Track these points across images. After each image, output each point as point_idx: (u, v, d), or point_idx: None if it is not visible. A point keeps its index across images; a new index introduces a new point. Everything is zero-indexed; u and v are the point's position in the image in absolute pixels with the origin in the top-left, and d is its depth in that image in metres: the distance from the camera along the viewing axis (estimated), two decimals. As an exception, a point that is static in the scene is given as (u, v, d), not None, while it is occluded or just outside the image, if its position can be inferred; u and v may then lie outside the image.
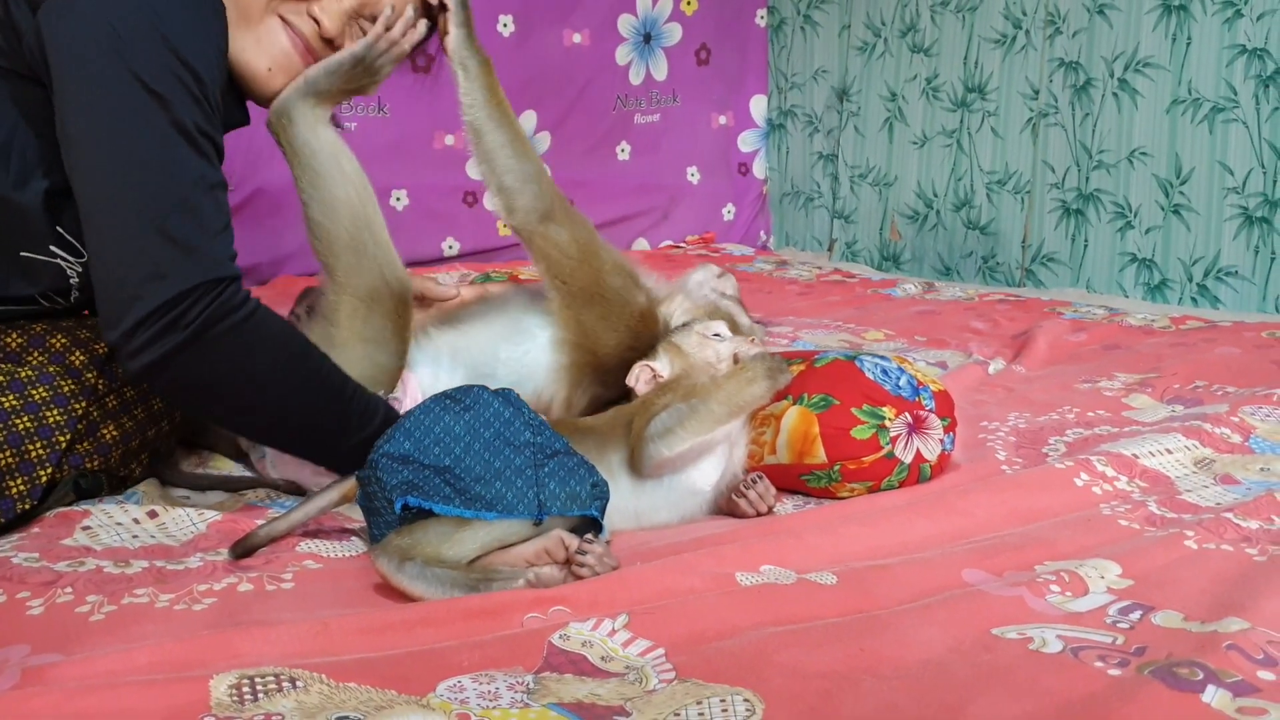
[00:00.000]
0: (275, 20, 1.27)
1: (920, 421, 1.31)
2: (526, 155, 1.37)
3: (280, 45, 1.27)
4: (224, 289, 1.11)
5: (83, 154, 1.10)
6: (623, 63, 3.45)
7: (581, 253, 1.37)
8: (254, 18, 1.26)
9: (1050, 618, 0.99)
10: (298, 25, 1.27)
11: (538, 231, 1.37)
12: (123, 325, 1.08)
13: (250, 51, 1.26)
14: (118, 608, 1.00)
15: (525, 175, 1.36)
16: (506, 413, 1.11)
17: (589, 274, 1.37)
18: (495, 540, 1.04)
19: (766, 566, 1.08)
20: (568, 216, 1.38)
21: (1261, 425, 1.56)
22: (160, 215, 1.09)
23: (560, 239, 1.37)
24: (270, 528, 1.13)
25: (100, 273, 1.10)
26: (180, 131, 1.11)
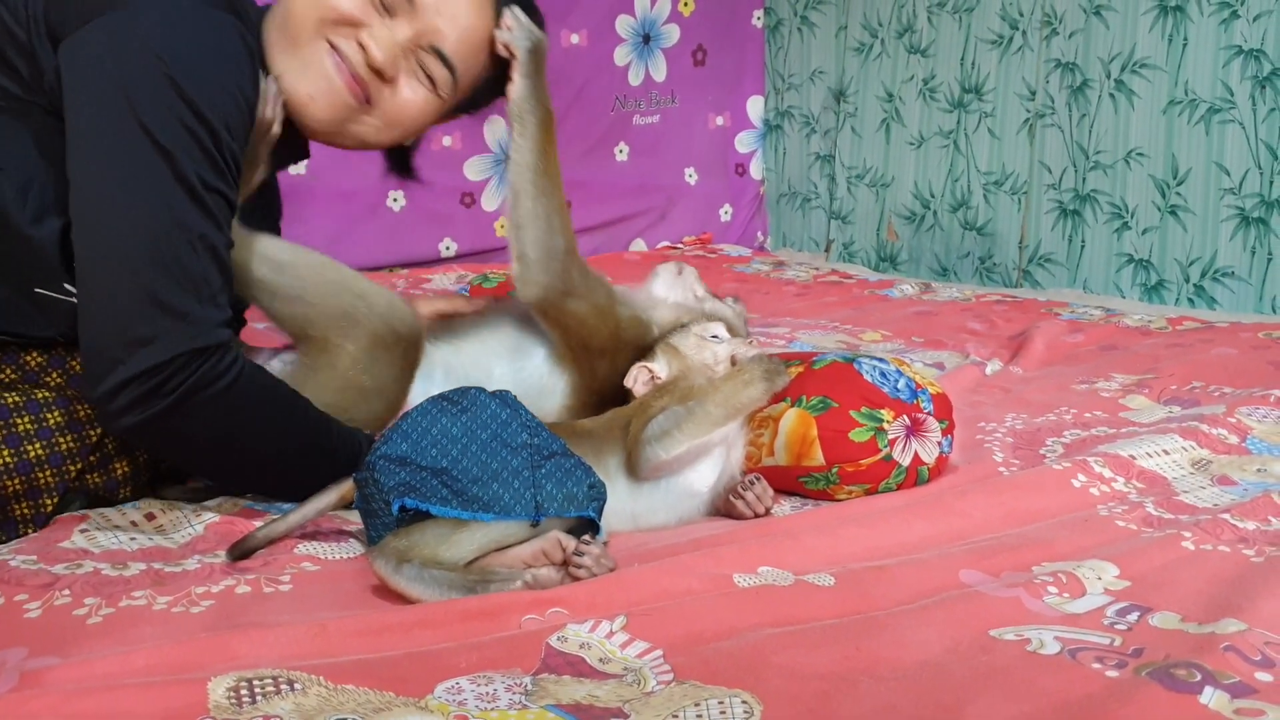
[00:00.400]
0: (322, 44, 1.22)
1: (918, 424, 1.32)
2: (559, 230, 1.31)
3: (324, 71, 1.22)
4: (210, 356, 1.09)
5: (81, 202, 1.09)
6: (621, 63, 3.45)
7: (599, 318, 1.33)
8: (301, 41, 1.22)
9: (1048, 619, 1.00)
10: (345, 51, 1.22)
11: (553, 307, 1.32)
12: (104, 386, 1.07)
13: (294, 76, 1.23)
14: (115, 610, 1.00)
15: (551, 252, 1.30)
16: (503, 414, 1.11)
17: (606, 335, 1.34)
18: (493, 542, 1.04)
19: (764, 568, 1.08)
20: (586, 288, 1.33)
21: (1258, 426, 1.57)
22: (152, 277, 1.06)
23: (578, 311, 1.32)
24: (268, 530, 1.13)
25: (86, 328, 1.08)
26: (185, 188, 1.08)
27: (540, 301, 1.32)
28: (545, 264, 1.30)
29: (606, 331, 1.34)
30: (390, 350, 1.28)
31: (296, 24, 1.22)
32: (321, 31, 1.22)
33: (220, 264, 1.12)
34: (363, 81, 1.23)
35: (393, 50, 1.23)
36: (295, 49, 1.22)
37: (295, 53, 1.22)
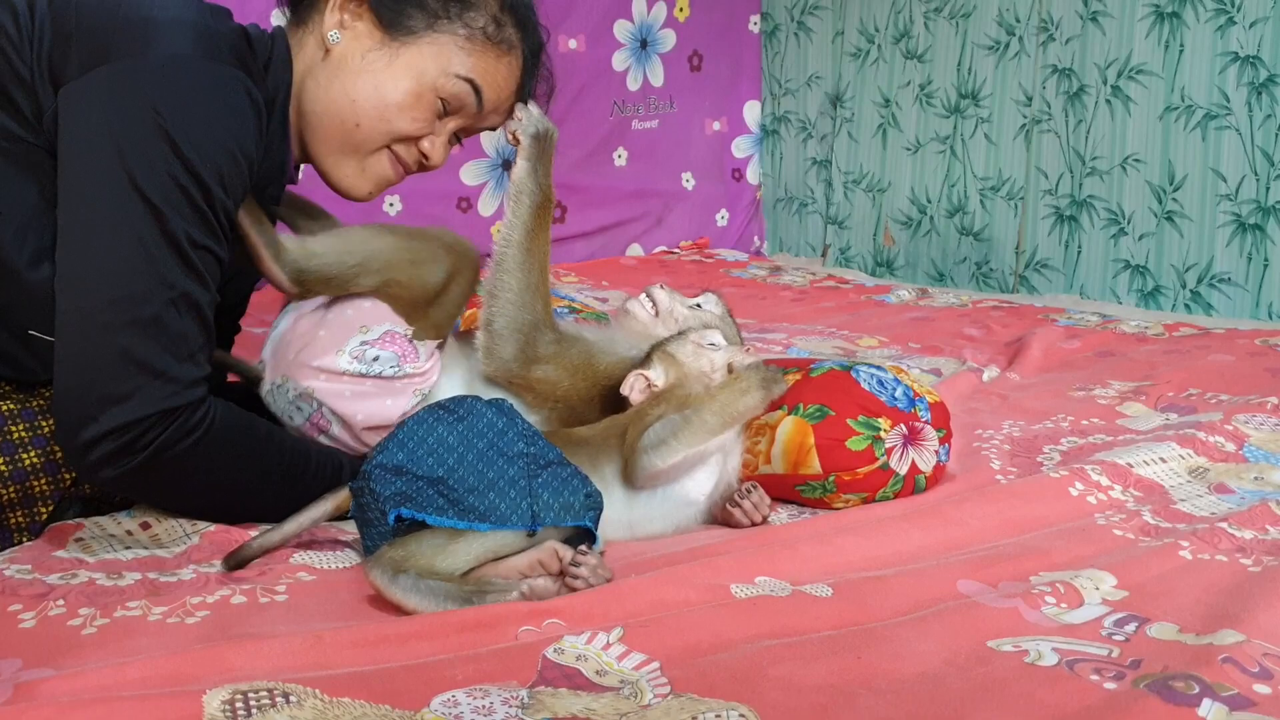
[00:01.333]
0: (384, 154, 1.31)
1: (916, 433, 1.31)
2: (529, 306, 1.32)
3: (384, 174, 1.33)
4: (183, 414, 1.09)
5: (65, 253, 1.09)
6: (620, 68, 3.45)
7: (574, 374, 1.33)
8: (363, 152, 1.30)
9: (1045, 630, 0.99)
10: (405, 158, 1.32)
11: (517, 375, 1.32)
12: (77, 439, 1.07)
13: (353, 178, 1.32)
14: (110, 621, 1.00)
15: (517, 324, 1.32)
16: (500, 423, 1.10)
17: (586, 386, 1.33)
18: (489, 551, 1.03)
19: (761, 578, 1.08)
20: (556, 351, 1.33)
21: (1255, 433, 1.57)
22: (130, 335, 1.06)
23: (546, 374, 1.32)
24: (263, 539, 1.13)
25: (61, 380, 1.08)
26: (172, 246, 1.08)
27: (503, 373, 1.33)
28: (510, 336, 1.32)
29: (585, 385, 1.33)
30: (462, 276, 1.33)
31: (361, 141, 1.29)
32: (385, 145, 1.31)
33: (202, 321, 1.12)
34: (412, 171, 1.35)
35: (448, 149, 1.35)
36: (356, 155, 1.30)
37: (355, 161, 1.31)
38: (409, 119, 1.29)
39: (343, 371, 1.27)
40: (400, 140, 1.31)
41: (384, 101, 1.27)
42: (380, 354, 1.28)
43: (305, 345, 1.29)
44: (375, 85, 1.27)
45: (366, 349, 1.28)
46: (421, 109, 1.29)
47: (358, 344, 1.28)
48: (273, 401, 1.31)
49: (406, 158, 1.33)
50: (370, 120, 1.28)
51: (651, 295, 1.47)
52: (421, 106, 1.29)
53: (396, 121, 1.28)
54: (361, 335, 1.28)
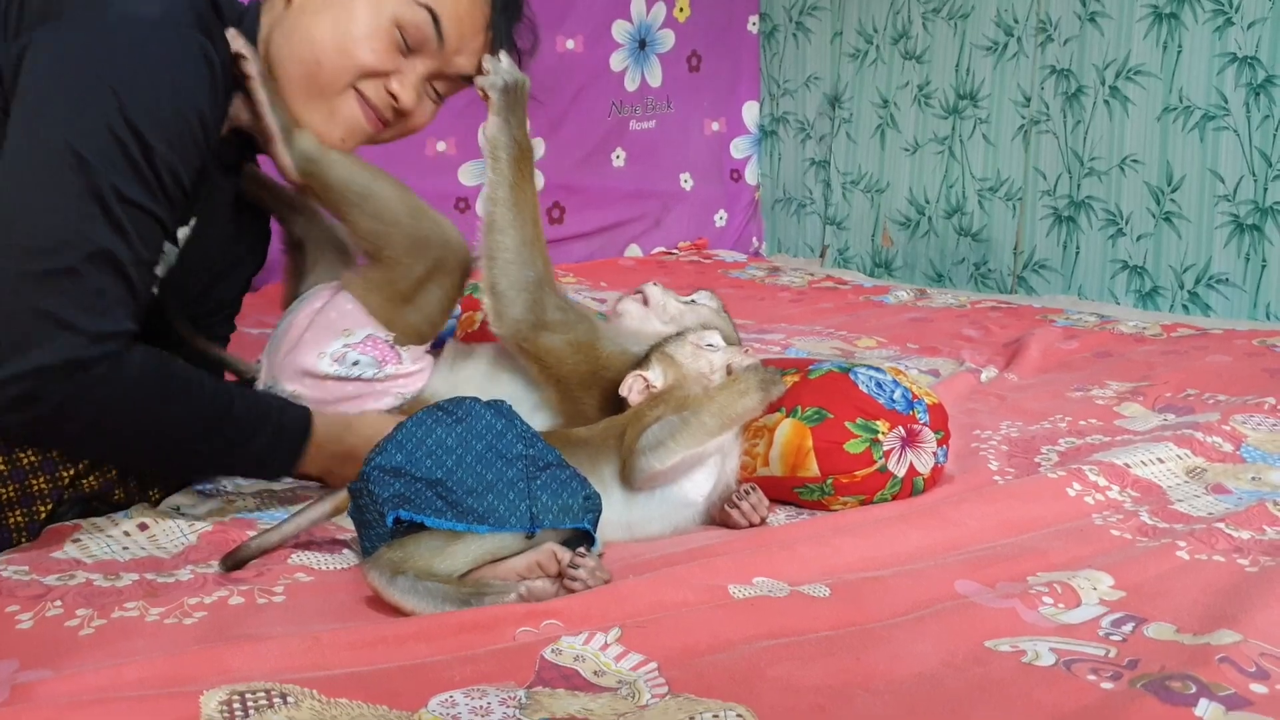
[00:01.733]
0: (351, 95, 1.29)
1: (914, 435, 1.31)
2: (529, 262, 1.31)
3: (353, 118, 1.30)
4: (93, 368, 1.06)
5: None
6: (618, 69, 3.45)
7: (578, 352, 1.32)
8: (330, 93, 1.28)
9: (1043, 630, 1.00)
10: (374, 99, 1.30)
11: (527, 340, 1.32)
12: None
13: (323, 124, 1.30)
14: (108, 621, 1.00)
15: (522, 283, 1.31)
16: (499, 424, 1.10)
17: (585, 371, 1.33)
18: (487, 553, 1.03)
19: (759, 578, 1.08)
20: (563, 319, 1.33)
21: (1253, 434, 1.57)
22: (39, 285, 1.04)
23: (552, 345, 1.31)
24: (261, 540, 1.13)
25: None
26: (95, 199, 1.06)
27: (513, 335, 1.32)
28: (517, 296, 1.31)
29: (586, 367, 1.32)
30: (449, 275, 1.34)
31: (326, 81, 1.28)
32: (350, 84, 1.28)
33: (124, 279, 1.09)
34: (388, 122, 1.32)
35: (418, 90, 1.31)
36: (323, 100, 1.29)
37: (323, 104, 1.29)
38: (367, 49, 1.27)
39: (324, 375, 1.28)
40: (365, 77, 1.28)
41: (341, 34, 1.26)
42: (360, 358, 1.29)
43: (293, 346, 1.30)
44: (333, 21, 1.26)
45: (348, 352, 1.29)
46: (380, 39, 1.27)
47: (339, 346, 1.29)
48: None
49: (376, 99, 1.30)
50: (330, 56, 1.27)
51: (643, 290, 1.47)
52: (379, 36, 1.27)
53: (355, 53, 1.26)
54: (344, 338, 1.29)
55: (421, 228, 1.33)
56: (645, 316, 1.44)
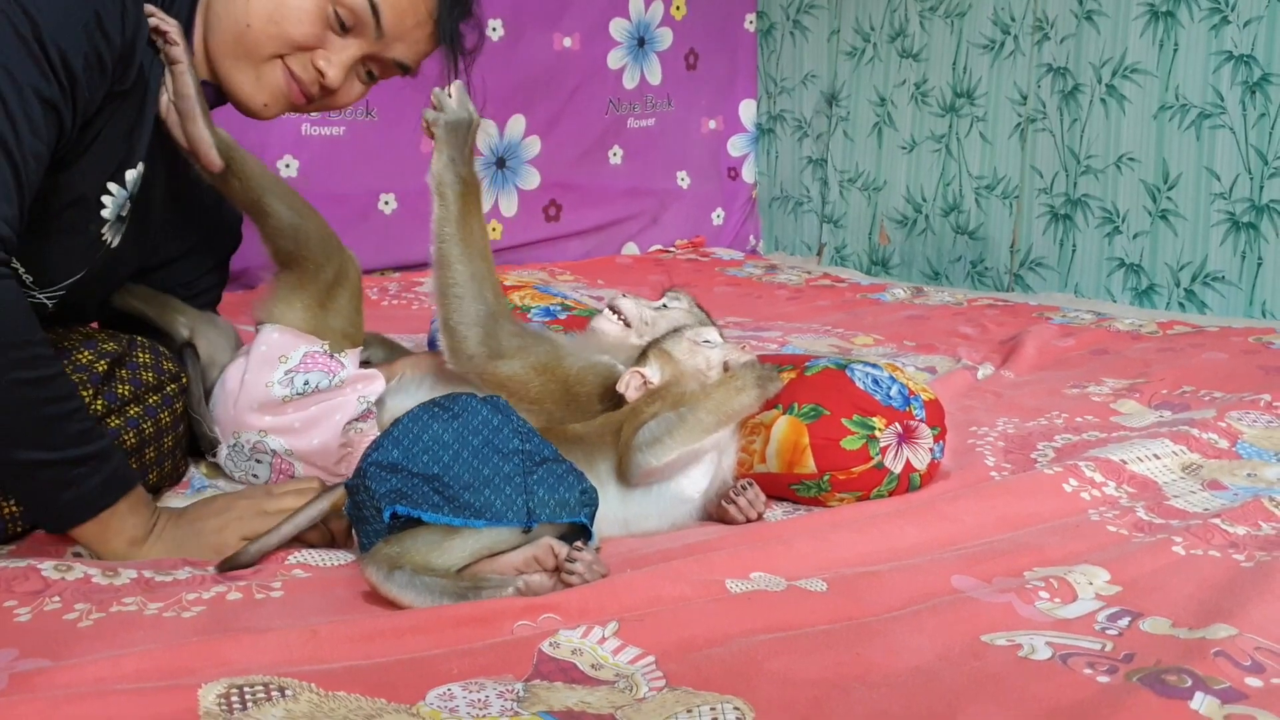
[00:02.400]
0: (278, 64, 1.29)
1: (910, 431, 1.32)
2: (479, 296, 1.30)
3: (278, 86, 1.30)
4: None
5: None
6: (615, 67, 3.45)
7: (542, 374, 1.31)
8: (257, 59, 1.28)
9: (1039, 624, 1.00)
10: (300, 74, 1.30)
11: (486, 371, 1.31)
12: None
13: (249, 86, 1.30)
14: (106, 615, 1.00)
15: (474, 317, 1.30)
16: (495, 420, 1.10)
17: (556, 389, 1.32)
18: (484, 548, 1.04)
19: (756, 573, 1.08)
20: (520, 345, 1.32)
21: (1248, 430, 1.57)
22: None
23: (513, 371, 1.30)
24: (261, 543, 1.13)
25: None
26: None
27: (471, 369, 1.32)
28: (469, 331, 1.30)
29: (555, 387, 1.32)
30: (351, 281, 1.37)
31: (252, 44, 1.27)
32: (278, 53, 1.28)
33: (10, 162, 1.03)
34: (312, 98, 1.32)
35: (346, 71, 1.31)
36: (250, 64, 1.29)
37: (250, 67, 1.29)
38: (296, 22, 1.26)
39: (281, 399, 1.29)
40: (294, 50, 1.28)
41: (275, 4, 1.26)
42: (308, 376, 1.30)
43: (238, 397, 1.31)
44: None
45: (293, 376, 1.29)
46: (313, 15, 1.27)
47: (282, 374, 1.30)
48: (234, 466, 1.34)
49: (302, 74, 1.29)
50: (260, 20, 1.26)
51: (616, 306, 1.46)
52: (313, 12, 1.27)
53: (285, 24, 1.26)
54: (283, 365, 1.31)
55: (326, 225, 1.37)
56: (626, 335, 1.44)
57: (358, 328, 1.38)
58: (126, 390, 1.28)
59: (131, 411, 1.28)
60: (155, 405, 1.31)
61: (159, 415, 1.31)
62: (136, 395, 1.29)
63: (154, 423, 1.30)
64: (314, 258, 1.34)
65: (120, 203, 1.22)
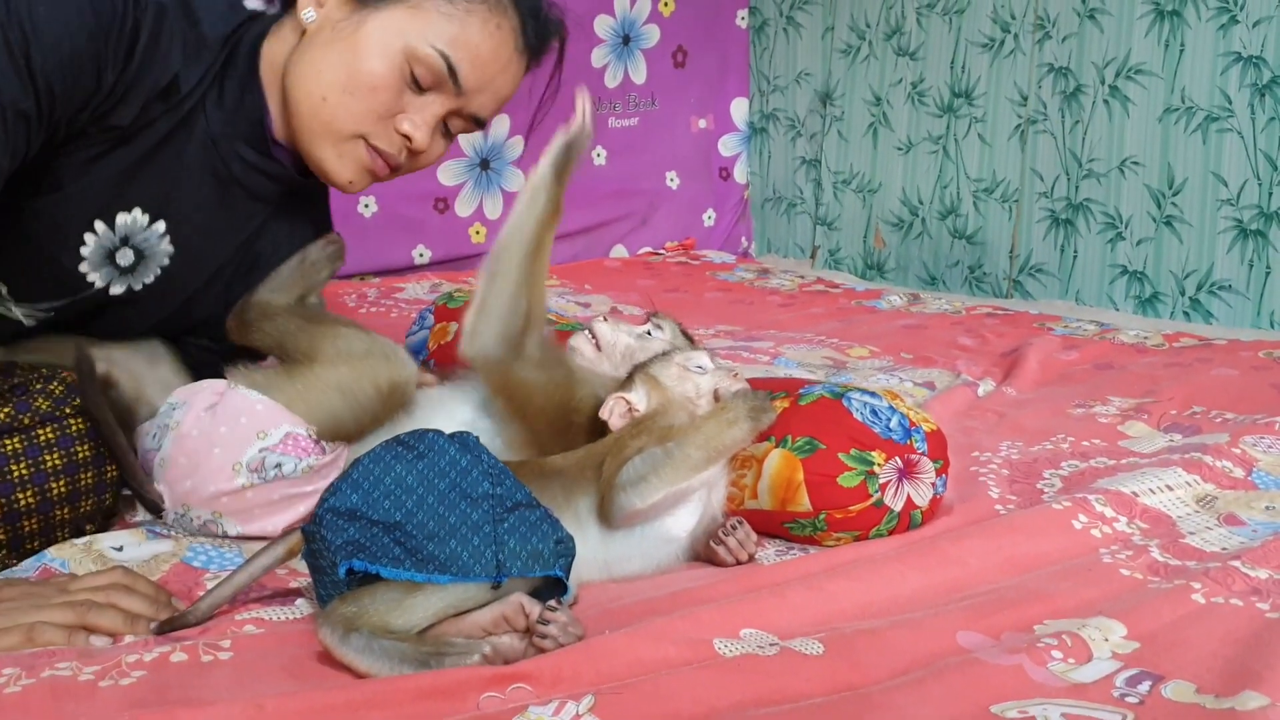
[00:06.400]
0: (360, 142, 1.26)
1: (912, 466, 1.23)
2: (526, 297, 1.24)
3: (362, 162, 1.27)
4: None
5: None
6: (598, 65, 3.36)
7: (549, 391, 1.24)
8: (337, 137, 1.25)
9: (1053, 691, 0.92)
10: (384, 147, 1.26)
11: (497, 366, 1.23)
12: None
13: (332, 163, 1.27)
14: (36, 681, 0.91)
15: (513, 310, 1.23)
16: (463, 460, 1.02)
17: (554, 410, 1.24)
18: (450, 606, 0.95)
19: (747, 630, 1.00)
20: (541, 357, 1.25)
21: (1264, 457, 1.50)
22: None
23: (526, 378, 1.24)
24: (212, 596, 1.04)
25: None
26: None
27: (480, 358, 1.24)
28: (498, 320, 1.23)
29: (555, 406, 1.24)
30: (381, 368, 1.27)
31: (329, 120, 1.24)
32: (359, 132, 1.25)
33: None
34: (399, 167, 1.29)
35: (432, 129, 1.27)
36: (330, 142, 1.25)
37: (330, 145, 1.26)
38: (371, 90, 1.22)
39: (241, 488, 1.19)
40: (374, 119, 1.24)
41: (349, 74, 1.21)
42: (282, 460, 1.20)
43: (198, 469, 1.19)
44: (339, 54, 1.21)
45: (266, 456, 1.19)
46: (388, 79, 1.22)
47: (256, 453, 1.19)
48: (181, 528, 1.22)
49: (387, 147, 1.26)
50: (335, 92, 1.21)
51: (592, 329, 1.38)
52: (389, 78, 1.22)
53: (361, 94, 1.22)
54: (260, 442, 1.19)
55: (361, 342, 1.27)
56: (598, 360, 1.36)
57: (365, 428, 1.26)
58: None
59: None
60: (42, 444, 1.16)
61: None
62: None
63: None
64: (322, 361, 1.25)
65: (108, 246, 1.19)
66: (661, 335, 1.39)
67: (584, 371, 1.31)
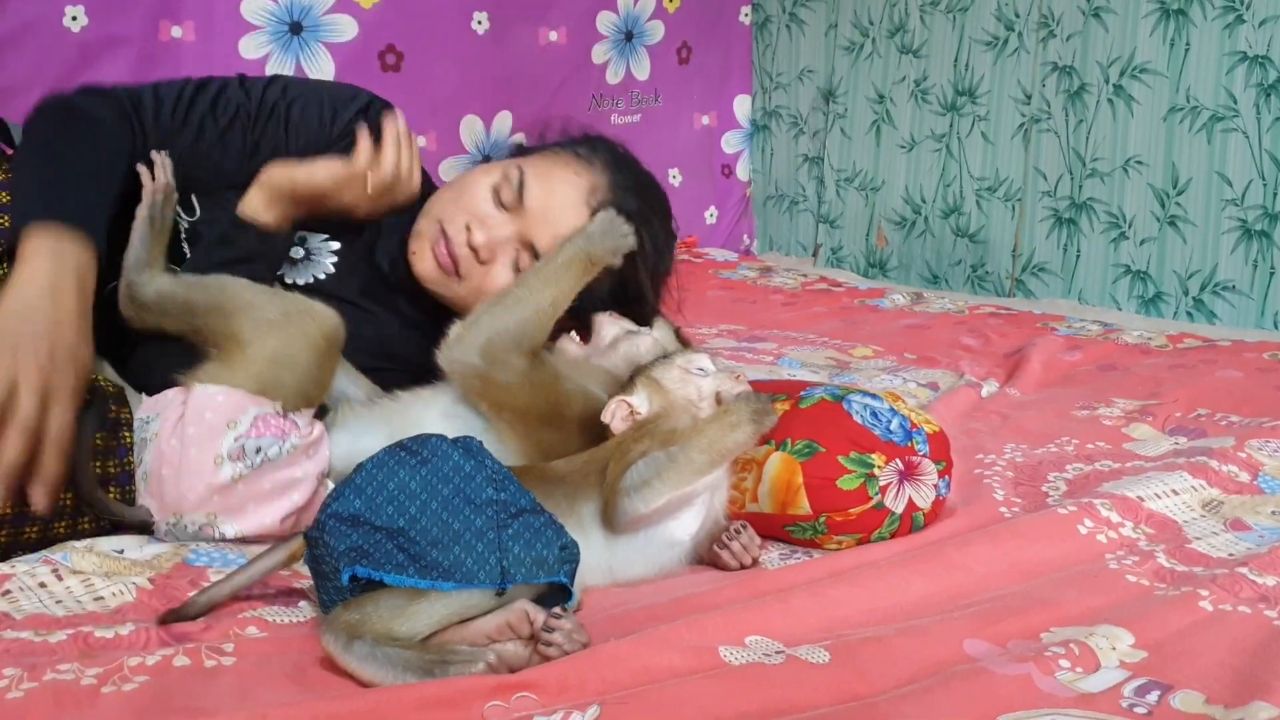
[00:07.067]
0: (436, 225, 1.42)
1: (912, 468, 1.23)
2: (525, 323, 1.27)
3: (430, 240, 1.43)
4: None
5: None
6: (599, 61, 3.34)
7: (533, 390, 1.25)
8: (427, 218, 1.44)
9: (1061, 701, 0.91)
10: (450, 234, 1.40)
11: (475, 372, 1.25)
12: None
13: (415, 238, 1.44)
14: (39, 685, 0.90)
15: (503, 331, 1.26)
16: (467, 466, 1.01)
17: (544, 406, 1.25)
18: (454, 614, 0.94)
19: (752, 637, 0.99)
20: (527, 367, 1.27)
21: (1269, 461, 1.49)
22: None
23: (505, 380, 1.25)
24: (211, 592, 1.04)
25: None
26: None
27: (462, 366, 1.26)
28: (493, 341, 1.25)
29: (543, 403, 1.25)
30: (304, 339, 1.26)
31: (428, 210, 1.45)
32: (439, 217, 1.42)
33: (134, 105, 1.38)
34: (456, 257, 1.40)
35: (494, 238, 1.40)
36: (424, 217, 1.44)
37: (422, 220, 1.44)
38: (474, 198, 1.42)
39: (231, 480, 1.17)
40: (454, 214, 1.42)
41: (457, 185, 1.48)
42: (260, 442, 1.18)
43: (178, 475, 1.17)
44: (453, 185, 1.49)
45: (244, 444, 1.18)
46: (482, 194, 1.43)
47: (232, 442, 1.18)
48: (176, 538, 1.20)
49: (452, 234, 1.40)
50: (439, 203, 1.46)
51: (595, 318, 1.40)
52: (484, 192, 1.43)
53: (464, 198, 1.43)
54: (232, 431, 1.18)
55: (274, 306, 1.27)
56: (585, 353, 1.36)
57: (320, 385, 1.26)
58: None
59: None
60: None
61: None
62: None
63: None
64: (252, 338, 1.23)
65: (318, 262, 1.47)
66: (647, 333, 1.39)
67: (570, 366, 1.30)
